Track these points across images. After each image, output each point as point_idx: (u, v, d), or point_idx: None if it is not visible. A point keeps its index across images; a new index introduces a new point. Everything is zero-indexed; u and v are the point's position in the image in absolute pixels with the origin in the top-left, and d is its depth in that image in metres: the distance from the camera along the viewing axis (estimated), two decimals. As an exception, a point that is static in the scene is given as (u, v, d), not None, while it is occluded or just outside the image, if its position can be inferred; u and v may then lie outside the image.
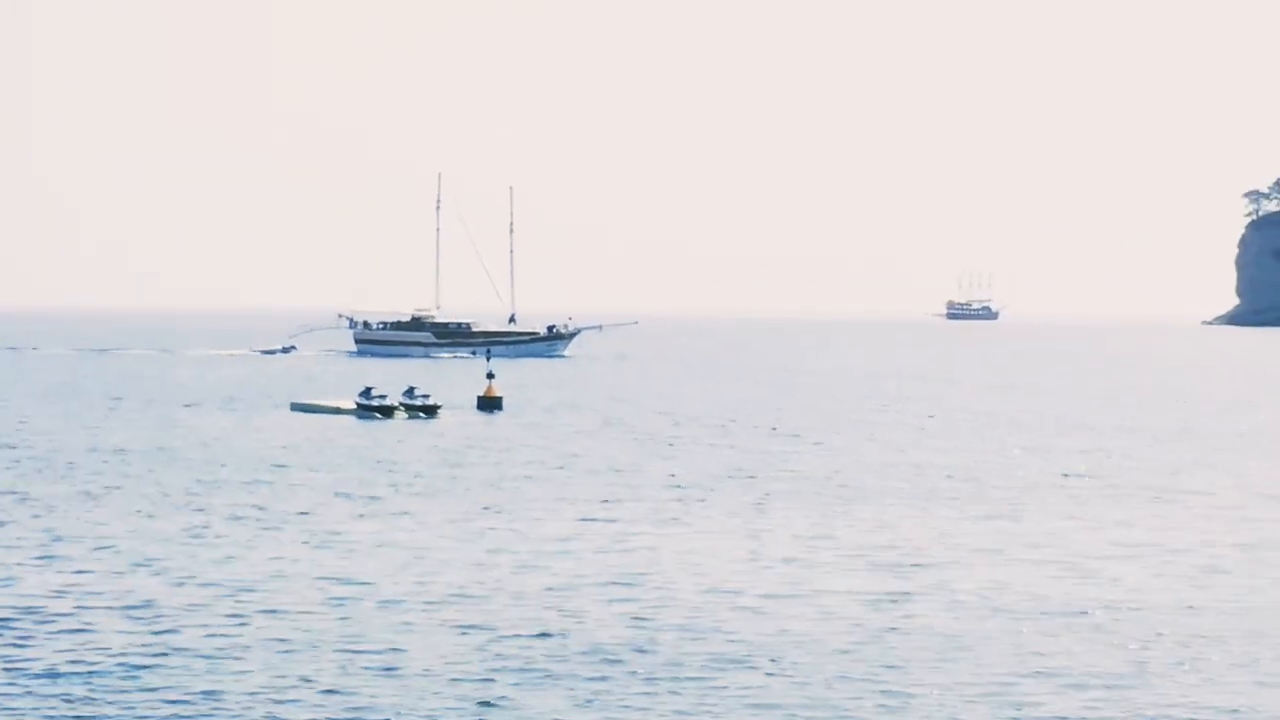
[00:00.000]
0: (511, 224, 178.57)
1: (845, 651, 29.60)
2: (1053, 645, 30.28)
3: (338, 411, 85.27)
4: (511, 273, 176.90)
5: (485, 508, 48.59)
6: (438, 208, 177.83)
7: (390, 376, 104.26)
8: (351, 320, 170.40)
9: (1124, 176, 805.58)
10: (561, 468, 60.00)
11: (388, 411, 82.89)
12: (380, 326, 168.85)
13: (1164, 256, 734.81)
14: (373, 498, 50.66)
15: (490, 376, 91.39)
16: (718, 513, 47.77)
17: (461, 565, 38.30)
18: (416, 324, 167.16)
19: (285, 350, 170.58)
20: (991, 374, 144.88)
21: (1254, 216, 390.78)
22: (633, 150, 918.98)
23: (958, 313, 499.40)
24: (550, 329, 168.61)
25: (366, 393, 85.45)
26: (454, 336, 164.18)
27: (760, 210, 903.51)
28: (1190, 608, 33.91)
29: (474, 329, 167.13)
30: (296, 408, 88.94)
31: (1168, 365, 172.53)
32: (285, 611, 32.60)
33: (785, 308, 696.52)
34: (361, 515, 46.73)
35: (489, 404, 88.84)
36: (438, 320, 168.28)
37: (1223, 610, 33.76)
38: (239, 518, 45.79)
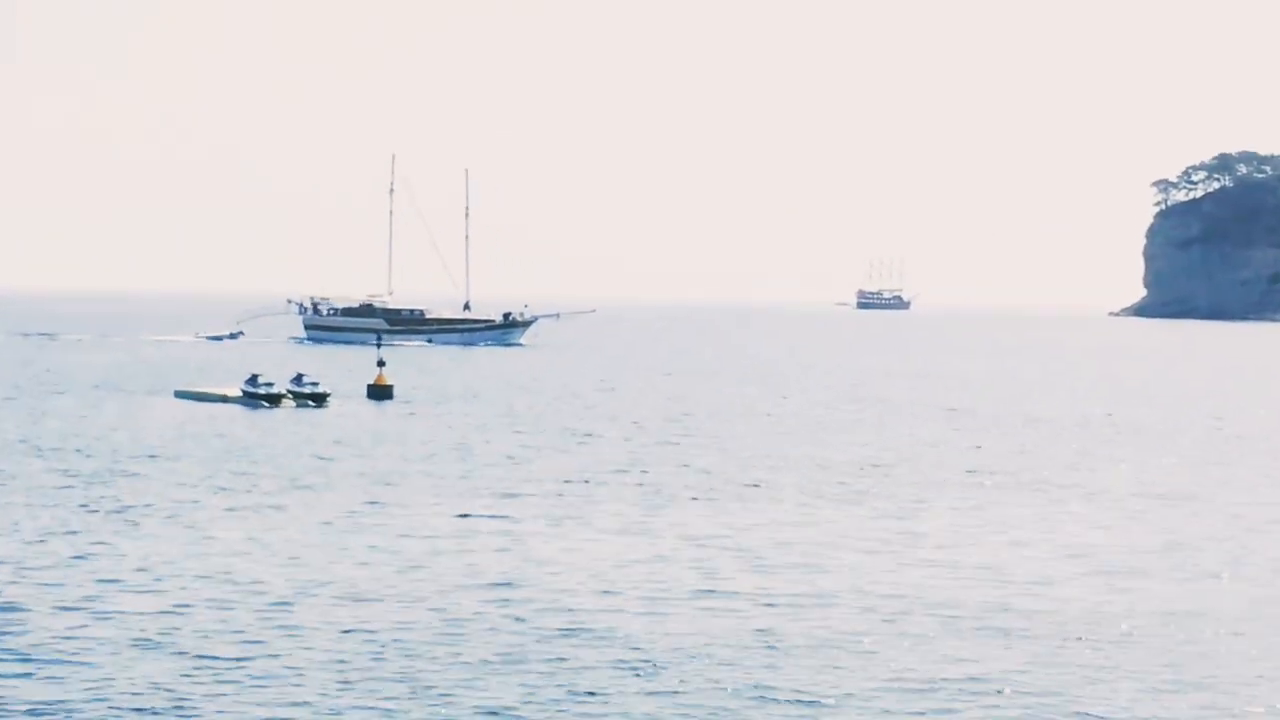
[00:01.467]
0: (467, 208, 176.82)
1: (738, 660, 28.68)
2: (961, 649, 29.50)
3: (224, 399, 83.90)
4: (467, 259, 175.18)
5: (368, 502, 47.37)
6: (391, 191, 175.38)
7: (333, 364, 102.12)
8: (301, 306, 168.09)
9: (1036, 164, 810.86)
10: (447, 460, 58.80)
11: (274, 399, 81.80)
12: (331, 312, 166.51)
13: (1074, 246, 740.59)
14: (249, 491, 49.30)
15: (381, 364, 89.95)
16: (611, 510, 46.81)
17: (343, 564, 37.14)
18: (368, 310, 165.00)
19: (232, 336, 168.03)
20: (899, 363, 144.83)
21: (1162, 206, 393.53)
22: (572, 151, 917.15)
23: (869, 301, 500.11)
24: (506, 316, 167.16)
25: (253, 380, 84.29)
26: (406, 323, 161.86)
27: (684, 204, 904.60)
28: (1101, 610, 33.27)
29: (427, 315, 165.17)
30: (180, 395, 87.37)
31: (1072, 357, 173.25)
32: (154, 613, 31.30)
33: (700, 296, 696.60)
34: (236, 509, 45.37)
35: (379, 393, 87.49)
36: (390, 307, 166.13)
37: (1134, 613, 33.12)
38: (108, 511, 44.37)
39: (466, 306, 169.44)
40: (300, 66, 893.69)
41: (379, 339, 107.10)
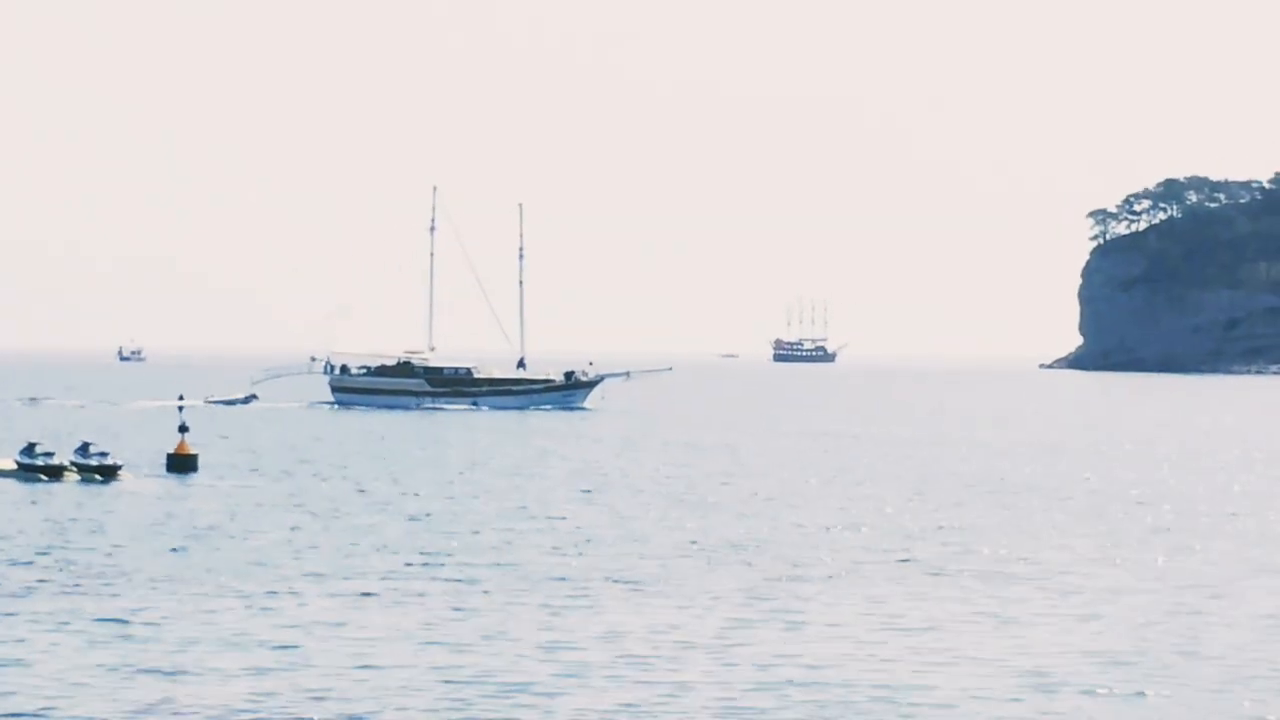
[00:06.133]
0: (521, 249, 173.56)
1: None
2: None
3: (-8, 473, 79.82)
4: (521, 308, 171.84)
5: (121, 606, 43.51)
6: (431, 229, 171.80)
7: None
8: (327, 364, 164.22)
9: (960, 195, 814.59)
10: (227, 547, 55.43)
11: (55, 472, 79.01)
12: (362, 371, 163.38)
13: (1002, 286, 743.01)
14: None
15: (183, 430, 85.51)
16: (408, 607, 43.41)
17: (90, 686, 33.50)
18: (406, 369, 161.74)
19: (245, 400, 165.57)
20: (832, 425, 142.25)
21: (1100, 241, 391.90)
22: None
23: (788, 353, 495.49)
24: (568, 375, 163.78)
25: (30, 449, 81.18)
26: (450, 384, 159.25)
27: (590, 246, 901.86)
28: None
29: (476, 375, 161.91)
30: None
31: (1008, 416, 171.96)
32: None
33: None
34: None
35: (180, 463, 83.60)
36: (431, 365, 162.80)
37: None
38: None
39: (521, 364, 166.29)
40: (324, 85, 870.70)
41: (180, 403, 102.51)
